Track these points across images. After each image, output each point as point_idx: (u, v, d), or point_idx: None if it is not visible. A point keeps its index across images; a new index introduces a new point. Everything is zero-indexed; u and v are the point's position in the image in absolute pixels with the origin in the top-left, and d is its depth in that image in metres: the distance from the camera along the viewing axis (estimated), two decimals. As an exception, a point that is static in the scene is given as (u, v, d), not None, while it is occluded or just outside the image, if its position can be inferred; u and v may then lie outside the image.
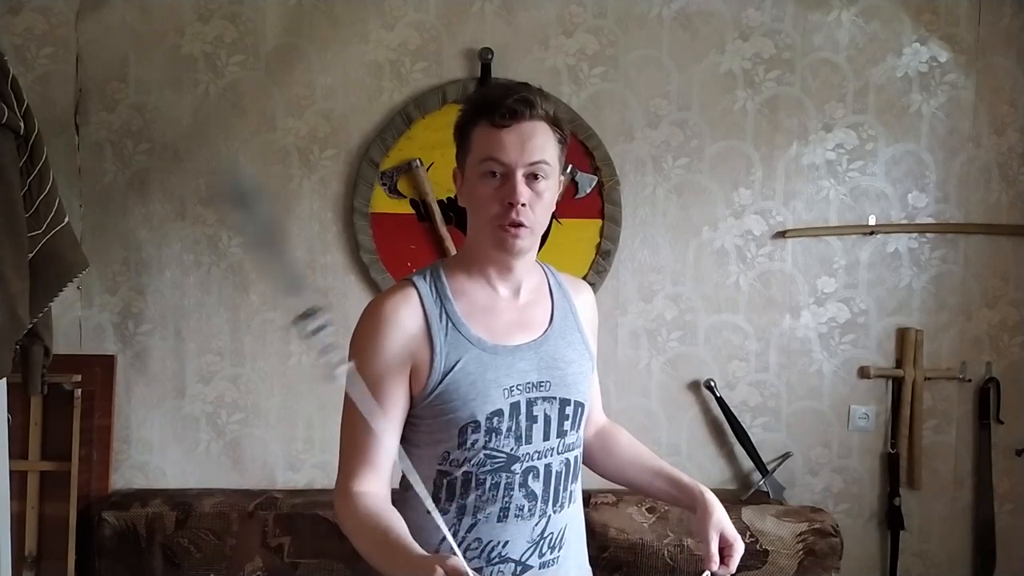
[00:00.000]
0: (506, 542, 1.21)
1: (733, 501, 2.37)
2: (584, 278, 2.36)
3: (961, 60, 2.39)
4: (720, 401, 2.40)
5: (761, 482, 2.40)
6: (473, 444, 1.18)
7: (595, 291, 2.35)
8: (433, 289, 1.21)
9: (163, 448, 2.40)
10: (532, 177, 1.15)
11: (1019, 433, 2.46)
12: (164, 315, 2.38)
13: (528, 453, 1.21)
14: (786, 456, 2.44)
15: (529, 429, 1.21)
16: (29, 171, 1.88)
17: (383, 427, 1.14)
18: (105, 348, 2.37)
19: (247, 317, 2.38)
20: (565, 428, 1.25)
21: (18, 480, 2.23)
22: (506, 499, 1.20)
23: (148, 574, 2.22)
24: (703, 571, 1.22)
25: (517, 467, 1.20)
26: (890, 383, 2.46)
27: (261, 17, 2.33)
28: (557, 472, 1.24)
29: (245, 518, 2.24)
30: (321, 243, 2.37)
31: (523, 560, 1.22)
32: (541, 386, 1.22)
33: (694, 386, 2.44)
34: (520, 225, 1.15)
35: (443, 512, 1.20)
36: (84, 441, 2.30)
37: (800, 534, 2.23)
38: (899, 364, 2.44)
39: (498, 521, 1.20)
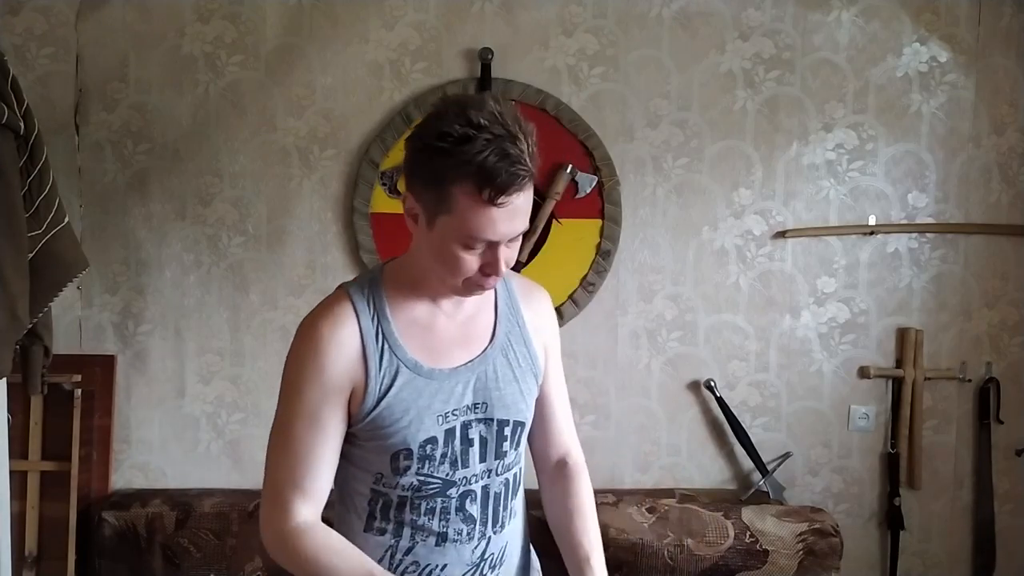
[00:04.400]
0: (444, 566, 1.17)
1: (733, 501, 2.37)
2: (584, 278, 2.36)
3: (961, 60, 2.39)
4: (720, 401, 2.40)
5: (761, 482, 2.40)
6: (406, 470, 1.14)
7: (595, 291, 2.37)
8: (371, 305, 1.14)
9: (163, 448, 2.40)
10: (512, 239, 1.08)
11: (1019, 433, 2.46)
12: (164, 315, 2.38)
13: (465, 477, 1.16)
14: (786, 456, 2.44)
15: (465, 453, 1.16)
16: (29, 171, 1.88)
17: (324, 455, 1.11)
18: (105, 348, 2.37)
19: (247, 317, 2.38)
20: (504, 449, 1.19)
21: (18, 480, 2.23)
22: (443, 524, 1.16)
23: (148, 574, 2.23)
24: None
25: (453, 491, 1.16)
26: (890, 383, 2.46)
27: (261, 17, 2.33)
28: (496, 493, 1.20)
29: (245, 518, 2.24)
30: (321, 243, 2.37)
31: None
32: (477, 408, 1.16)
33: (694, 386, 2.44)
34: (491, 281, 1.09)
35: (379, 532, 1.17)
36: (84, 441, 2.30)
37: (800, 534, 2.23)
38: (899, 364, 2.44)
39: (436, 545, 1.17)
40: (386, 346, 1.12)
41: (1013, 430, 2.45)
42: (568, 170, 2.31)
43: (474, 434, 1.16)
